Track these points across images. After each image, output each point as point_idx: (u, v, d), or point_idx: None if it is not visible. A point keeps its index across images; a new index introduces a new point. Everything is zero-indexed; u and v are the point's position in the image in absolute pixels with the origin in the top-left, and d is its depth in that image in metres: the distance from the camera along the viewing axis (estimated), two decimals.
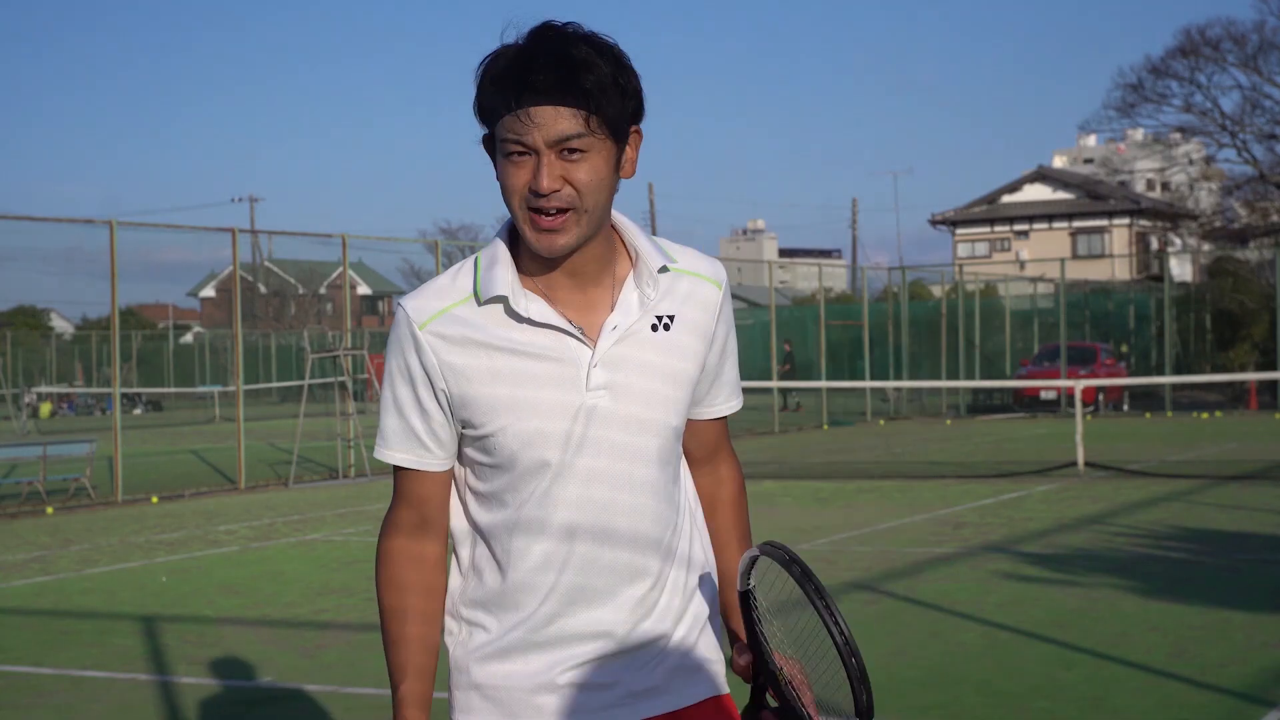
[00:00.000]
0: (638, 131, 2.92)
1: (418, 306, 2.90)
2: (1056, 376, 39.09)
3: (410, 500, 2.98)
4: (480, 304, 2.87)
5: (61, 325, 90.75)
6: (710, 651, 3.05)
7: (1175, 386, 41.90)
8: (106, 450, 22.94)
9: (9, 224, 22.51)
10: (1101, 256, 70.27)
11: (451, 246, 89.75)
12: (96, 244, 21.70)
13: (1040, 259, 61.44)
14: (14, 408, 50.64)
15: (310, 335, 61.88)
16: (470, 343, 2.85)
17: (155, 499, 21.57)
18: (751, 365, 57.49)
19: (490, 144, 2.87)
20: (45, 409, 53.99)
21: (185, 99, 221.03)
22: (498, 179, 2.84)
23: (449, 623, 3.03)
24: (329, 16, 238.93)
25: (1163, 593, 11.26)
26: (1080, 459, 21.50)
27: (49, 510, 20.41)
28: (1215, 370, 49.11)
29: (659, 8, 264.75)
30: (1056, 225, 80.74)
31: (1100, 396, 40.00)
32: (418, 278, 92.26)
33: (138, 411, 59.77)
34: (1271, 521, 15.37)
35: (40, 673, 9.70)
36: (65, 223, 22.57)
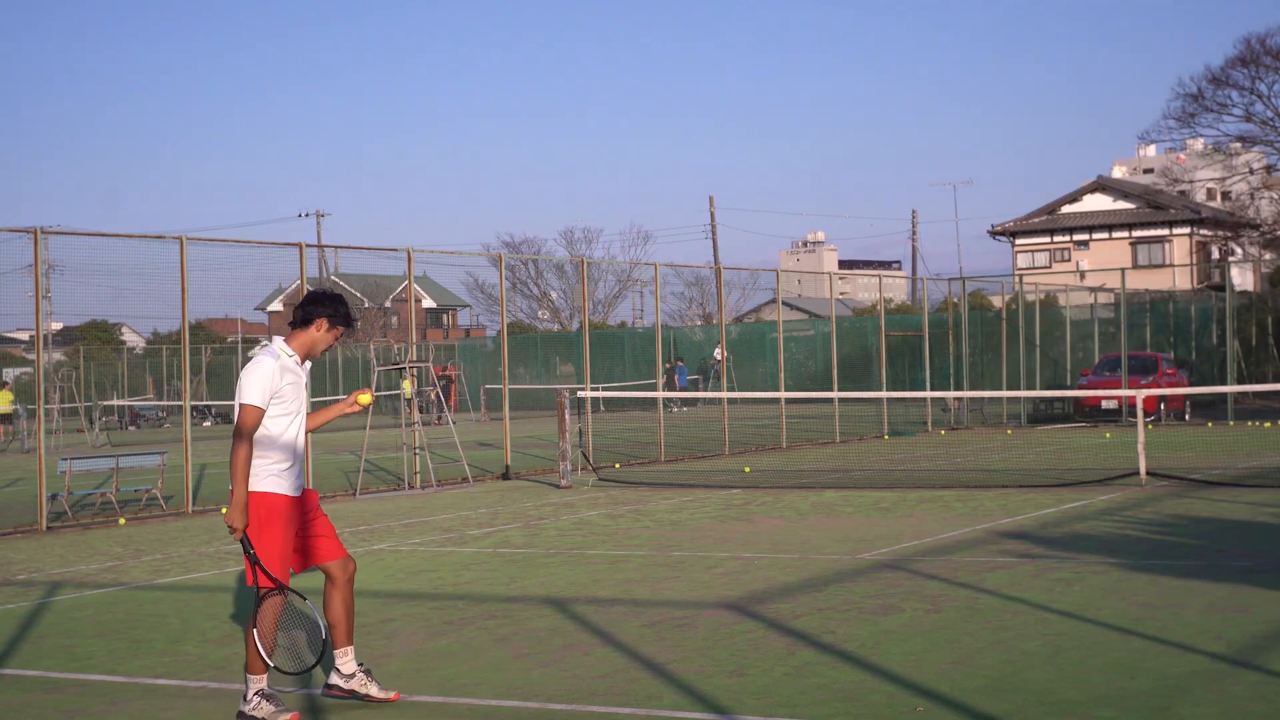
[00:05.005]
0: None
1: (273, 353, 8.71)
2: (1118, 386, 38.90)
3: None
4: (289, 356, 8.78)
5: (133, 339, 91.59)
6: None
7: (1237, 395, 41.59)
8: (177, 462, 23.24)
9: (82, 240, 22.84)
10: (1162, 266, 69.76)
11: (514, 260, 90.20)
12: (168, 259, 21.98)
13: (1100, 269, 61.12)
14: (87, 421, 51.18)
15: (376, 348, 62.21)
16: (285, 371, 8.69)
17: (224, 510, 21.81)
18: (811, 376, 57.56)
19: (308, 321, 8.90)
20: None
21: (253, 117, 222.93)
22: (316, 333, 8.87)
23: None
24: (394, 34, 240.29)
25: (1226, 602, 11.26)
26: (1142, 468, 21.43)
27: (121, 521, 20.71)
28: (1278, 379, 48.76)
29: (720, 23, 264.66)
30: (1116, 235, 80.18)
31: (1162, 406, 39.77)
32: (481, 290, 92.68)
33: (208, 424, 60.32)
34: None
35: (114, 681, 9.89)
36: (137, 238, 22.88)
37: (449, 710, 8.68)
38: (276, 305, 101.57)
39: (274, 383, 8.56)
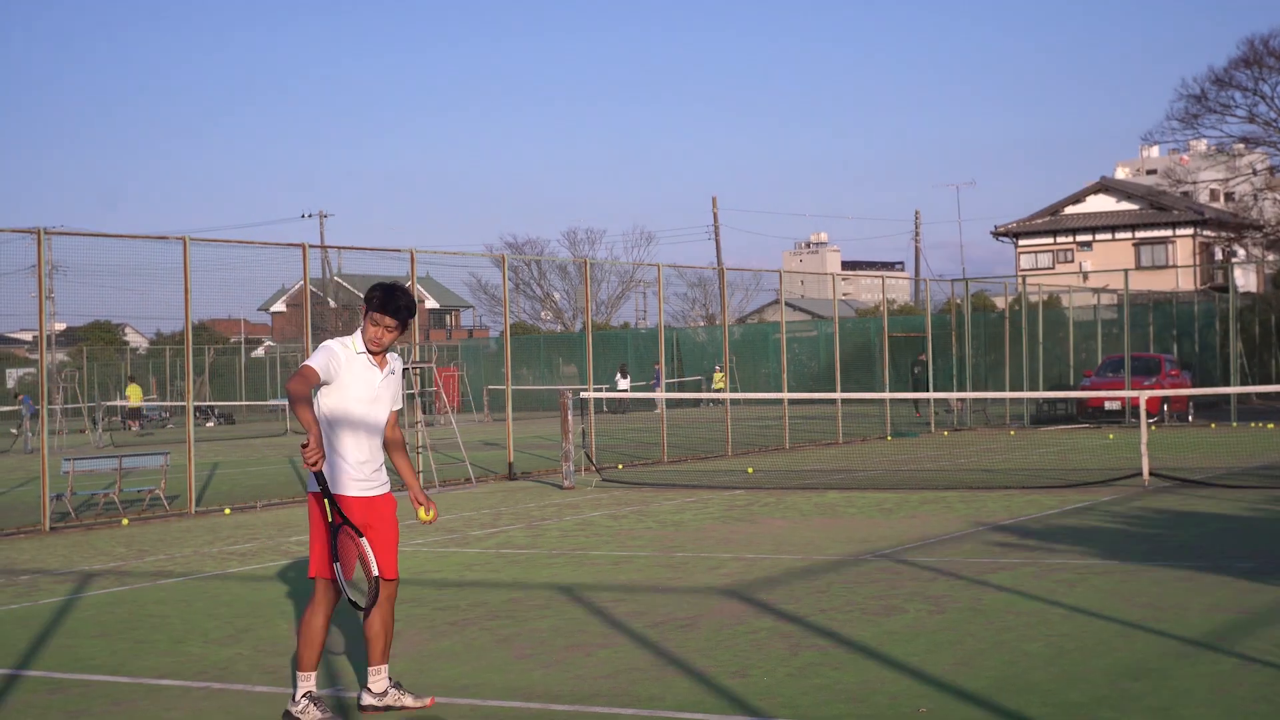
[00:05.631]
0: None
1: (342, 344, 8.57)
2: (1121, 387, 38.89)
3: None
4: (357, 352, 8.56)
5: (136, 340, 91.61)
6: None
7: (1240, 396, 41.55)
8: (180, 462, 23.24)
9: (85, 241, 22.85)
10: (1165, 267, 69.69)
11: (517, 260, 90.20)
12: (170, 260, 22.00)
13: (1103, 270, 61.11)
14: (90, 421, 51.19)
15: None
16: (352, 360, 8.53)
17: (228, 510, 21.85)
18: (814, 376, 57.55)
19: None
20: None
21: (255, 117, 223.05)
22: (368, 325, 8.54)
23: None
24: (396, 34, 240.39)
25: (1230, 603, 11.25)
26: (1145, 469, 21.41)
27: (124, 521, 20.71)
28: None
29: (722, 24, 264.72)
30: (1120, 236, 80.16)
31: (1165, 407, 39.75)
32: (484, 291, 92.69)
33: (211, 424, 60.33)
34: None
35: (117, 681, 9.89)
36: (139, 239, 22.90)
37: (451, 711, 8.68)
38: (280, 306, 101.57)
39: (332, 362, 8.44)
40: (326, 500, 8.39)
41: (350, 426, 8.54)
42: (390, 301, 8.53)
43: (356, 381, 8.54)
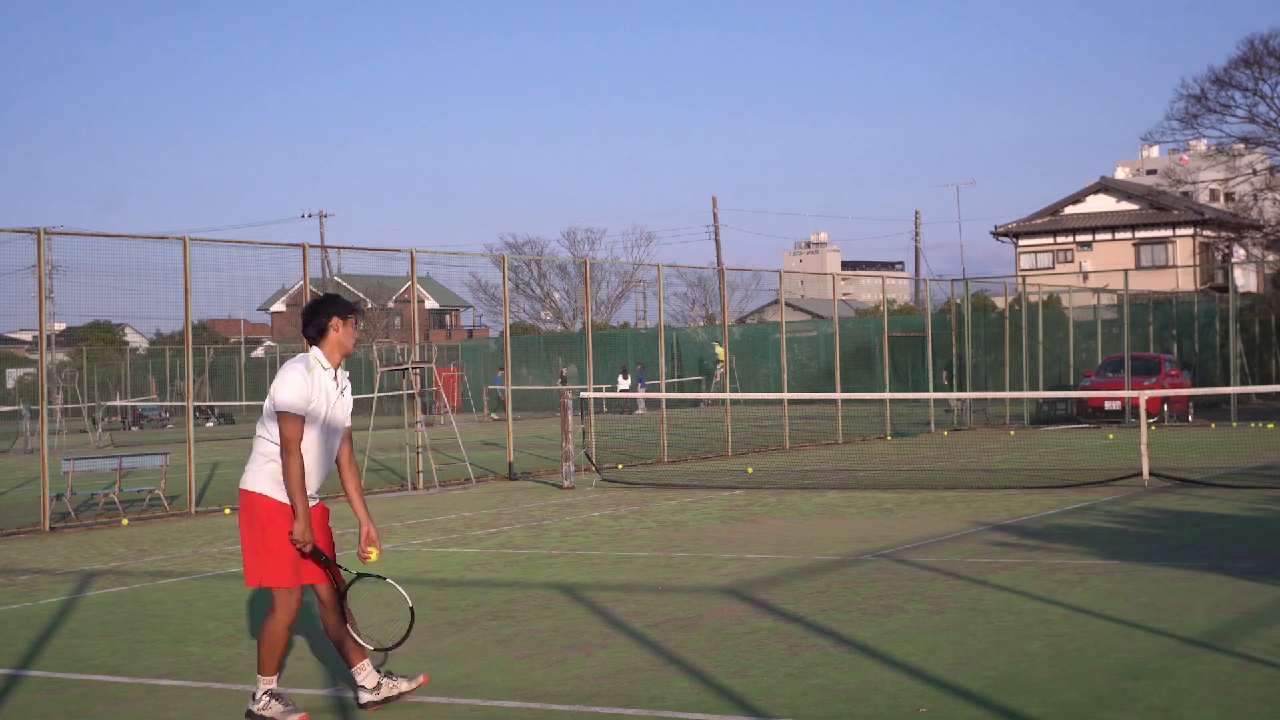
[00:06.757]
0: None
1: (306, 366, 8.46)
2: (1121, 387, 38.88)
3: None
4: (323, 368, 8.55)
5: (136, 340, 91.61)
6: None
7: (1240, 396, 41.52)
8: (180, 462, 23.24)
9: (85, 241, 22.86)
10: (1165, 267, 69.65)
11: (518, 260, 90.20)
12: (171, 260, 22.00)
13: (1103, 270, 61.10)
14: (90, 421, 51.19)
15: (379, 349, 62.24)
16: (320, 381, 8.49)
17: (228, 510, 21.84)
18: (814, 376, 57.56)
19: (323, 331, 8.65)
20: None
21: (256, 117, 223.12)
22: (335, 333, 8.65)
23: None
24: (397, 33, 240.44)
25: (1230, 603, 11.25)
26: (1145, 469, 21.41)
27: (124, 521, 20.72)
28: None
29: (724, 24, 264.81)
30: (1120, 236, 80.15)
31: (1165, 407, 39.75)
32: (484, 291, 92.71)
33: (210, 424, 60.32)
34: None
35: (117, 681, 9.89)
36: (140, 239, 22.90)
37: (452, 711, 8.68)
38: (280, 306, 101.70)
39: (306, 390, 8.43)
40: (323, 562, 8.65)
41: (310, 447, 8.55)
42: (349, 303, 8.80)
43: (323, 402, 8.56)
